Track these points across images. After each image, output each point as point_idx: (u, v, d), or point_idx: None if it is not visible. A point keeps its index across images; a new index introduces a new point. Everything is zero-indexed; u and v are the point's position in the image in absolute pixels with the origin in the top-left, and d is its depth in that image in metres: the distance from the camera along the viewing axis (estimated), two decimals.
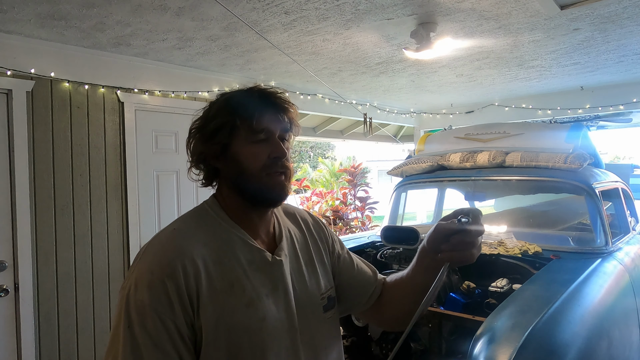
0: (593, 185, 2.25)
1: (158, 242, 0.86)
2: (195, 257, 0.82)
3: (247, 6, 2.18)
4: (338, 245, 1.13)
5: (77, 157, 2.79)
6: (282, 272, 0.91)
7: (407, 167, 2.90)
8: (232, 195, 0.92)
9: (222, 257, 0.85)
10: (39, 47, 2.62)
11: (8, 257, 2.52)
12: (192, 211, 0.94)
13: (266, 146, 0.89)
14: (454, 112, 5.62)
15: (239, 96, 0.92)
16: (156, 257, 0.82)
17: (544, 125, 3.01)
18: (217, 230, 0.89)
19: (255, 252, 0.89)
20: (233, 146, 0.89)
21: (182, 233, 0.86)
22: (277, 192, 0.90)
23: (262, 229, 0.95)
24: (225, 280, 0.83)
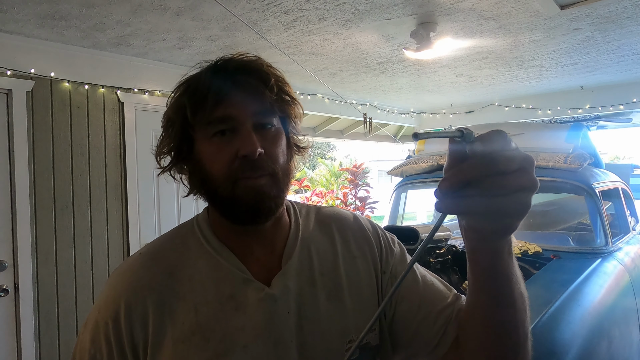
0: (593, 185, 2.26)
1: (119, 270, 0.69)
2: (152, 292, 0.64)
3: (247, 6, 2.18)
4: (397, 259, 0.76)
5: (77, 157, 2.79)
6: (277, 313, 0.65)
7: (407, 167, 2.90)
8: (216, 211, 0.70)
9: (190, 292, 0.64)
10: (39, 47, 2.62)
11: (8, 257, 2.52)
12: (179, 227, 0.75)
13: (232, 140, 0.64)
14: (454, 112, 5.62)
15: (189, 79, 0.70)
16: (109, 291, 0.66)
17: (544, 125, 3.01)
18: (194, 254, 0.68)
19: (240, 285, 0.65)
20: (196, 146, 0.68)
21: (148, 258, 0.68)
22: (252, 204, 0.64)
23: (262, 245, 0.70)
24: (186, 323, 0.62)
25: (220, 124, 0.64)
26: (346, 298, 0.69)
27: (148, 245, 0.71)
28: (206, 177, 0.66)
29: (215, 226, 0.71)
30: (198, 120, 0.65)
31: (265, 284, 0.66)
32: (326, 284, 0.70)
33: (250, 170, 0.63)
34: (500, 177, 0.41)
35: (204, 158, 0.66)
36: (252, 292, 0.65)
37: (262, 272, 0.68)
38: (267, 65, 0.68)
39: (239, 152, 0.63)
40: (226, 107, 0.64)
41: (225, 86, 0.65)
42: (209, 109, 0.64)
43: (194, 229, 0.72)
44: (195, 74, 0.70)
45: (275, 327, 0.64)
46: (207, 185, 0.66)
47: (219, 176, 0.64)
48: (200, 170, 0.67)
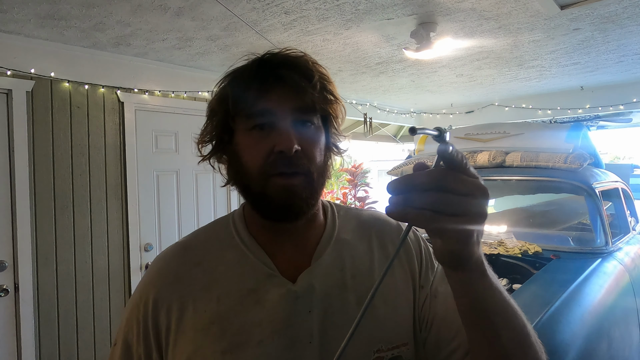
0: (593, 185, 2.26)
1: (157, 258, 0.73)
2: (177, 282, 0.67)
3: (247, 6, 2.18)
4: (437, 277, 0.72)
5: (77, 157, 2.79)
6: (296, 311, 0.63)
7: (407, 167, 2.90)
8: (249, 206, 0.71)
9: (214, 282, 0.66)
10: (39, 47, 2.62)
11: (8, 257, 2.52)
12: (216, 220, 0.77)
13: (270, 135, 0.63)
14: (454, 112, 5.62)
15: (237, 68, 0.70)
16: (146, 277, 0.71)
17: (544, 125, 3.01)
18: (224, 246, 0.70)
19: (263, 279, 0.65)
20: (235, 138, 0.68)
21: (180, 248, 0.72)
22: (283, 203, 0.62)
23: (293, 243, 0.69)
24: (205, 314, 0.64)
25: (260, 117, 0.63)
26: (379, 305, 0.66)
27: (186, 238, 0.75)
28: (241, 170, 0.66)
29: (249, 220, 0.72)
30: (239, 111, 0.65)
31: (292, 281, 0.65)
32: (357, 288, 0.67)
33: (285, 167, 0.62)
34: (448, 194, 0.41)
35: (241, 150, 0.66)
36: (274, 287, 0.64)
37: (290, 269, 0.67)
38: (313, 62, 0.67)
39: (275, 147, 0.62)
40: (267, 100, 0.63)
41: (268, 80, 0.64)
42: (251, 102, 0.63)
43: (228, 222, 0.74)
44: (241, 66, 0.70)
45: (294, 325, 0.62)
46: (241, 177, 0.66)
47: (253, 170, 0.64)
48: (237, 162, 0.67)
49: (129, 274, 3.01)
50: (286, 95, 0.63)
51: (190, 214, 3.40)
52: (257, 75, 0.65)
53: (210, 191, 3.51)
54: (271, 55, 0.67)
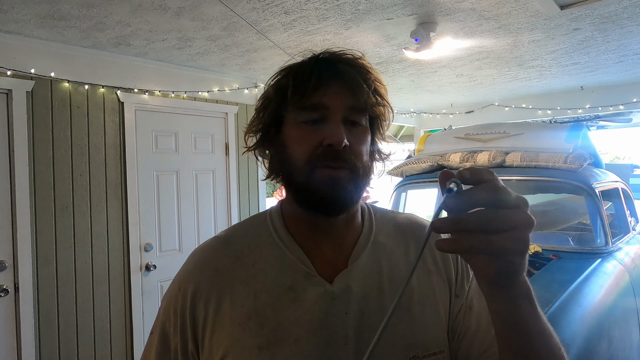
0: (593, 185, 2.26)
1: (196, 250, 0.74)
2: (216, 275, 0.67)
3: (247, 6, 2.18)
4: (473, 288, 0.71)
5: (77, 157, 2.79)
6: (333, 311, 0.63)
7: (407, 167, 2.90)
8: (288, 195, 0.71)
9: (252, 277, 0.66)
10: (39, 47, 2.62)
11: (8, 257, 2.52)
12: (254, 216, 0.77)
13: (320, 129, 0.64)
14: (454, 112, 5.62)
15: (293, 65, 0.70)
16: (185, 268, 0.72)
17: (544, 125, 3.01)
18: (262, 242, 0.70)
19: (300, 277, 0.65)
20: (284, 129, 0.68)
21: (219, 242, 0.72)
22: (328, 193, 0.63)
23: (331, 242, 0.69)
24: (243, 308, 0.64)
25: (313, 112, 0.64)
26: (416, 311, 0.66)
27: (225, 232, 0.75)
28: (286, 161, 0.67)
29: (287, 218, 0.72)
30: (295, 102, 0.65)
31: (328, 281, 0.66)
32: (394, 292, 0.66)
33: (332, 160, 0.63)
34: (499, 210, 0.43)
35: (289, 141, 0.67)
36: (312, 286, 0.65)
37: (327, 269, 0.67)
38: (369, 65, 0.70)
39: (324, 140, 0.63)
40: (323, 95, 0.64)
41: (327, 75, 0.65)
42: (308, 94, 0.64)
43: (266, 218, 0.74)
44: (299, 61, 0.71)
45: (330, 325, 0.63)
46: (286, 168, 0.67)
47: (300, 161, 0.64)
48: (283, 153, 0.67)
49: (129, 274, 3.01)
50: (341, 93, 0.65)
51: (190, 214, 3.40)
52: (314, 70, 0.66)
53: (210, 191, 3.51)
54: (330, 53, 0.69)
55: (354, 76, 0.65)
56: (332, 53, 0.69)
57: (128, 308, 3.01)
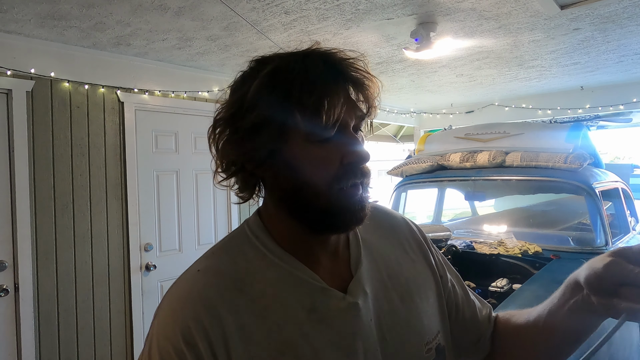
0: (593, 185, 2.26)
1: (176, 293, 0.60)
2: (226, 312, 0.56)
3: (247, 6, 2.18)
4: (446, 267, 0.78)
5: (77, 157, 2.79)
6: (361, 322, 0.61)
7: (407, 167, 2.90)
8: (282, 216, 0.63)
9: (266, 308, 0.58)
10: (39, 47, 2.62)
11: (8, 257, 2.52)
12: (230, 237, 0.66)
13: (338, 145, 0.59)
14: (454, 112, 5.62)
15: (292, 67, 0.59)
16: (172, 316, 0.57)
17: (544, 125, 3.02)
18: (260, 266, 0.61)
19: (318, 295, 0.60)
20: (288, 148, 0.59)
21: (209, 276, 0.60)
22: (354, 215, 0.60)
23: (327, 252, 0.65)
24: (271, 343, 0.56)
25: (331, 128, 0.58)
26: (416, 299, 0.68)
27: (203, 263, 0.63)
28: (302, 185, 0.58)
29: (275, 234, 0.64)
30: (307, 118, 0.56)
31: (340, 291, 0.62)
32: (395, 286, 0.67)
33: (356, 178, 0.59)
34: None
35: (301, 162, 0.58)
36: (333, 301, 0.60)
37: (334, 280, 0.63)
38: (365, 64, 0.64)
39: (346, 157, 0.59)
40: (341, 109, 0.57)
41: (339, 87, 0.59)
42: (326, 111, 0.56)
43: (249, 238, 0.64)
44: (284, 58, 0.62)
45: (363, 336, 0.60)
46: (302, 192, 0.59)
47: (323, 183, 0.58)
48: (293, 177, 0.59)
49: (129, 274, 3.01)
50: (353, 104, 0.61)
51: (190, 214, 3.40)
52: (331, 76, 0.59)
53: (210, 191, 3.51)
54: (336, 58, 0.62)
55: (366, 84, 0.61)
56: (331, 54, 0.63)
57: (128, 308, 3.01)
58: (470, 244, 2.30)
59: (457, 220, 3.65)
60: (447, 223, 3.18)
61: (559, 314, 0.65)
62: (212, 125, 0.63)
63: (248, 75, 0.62)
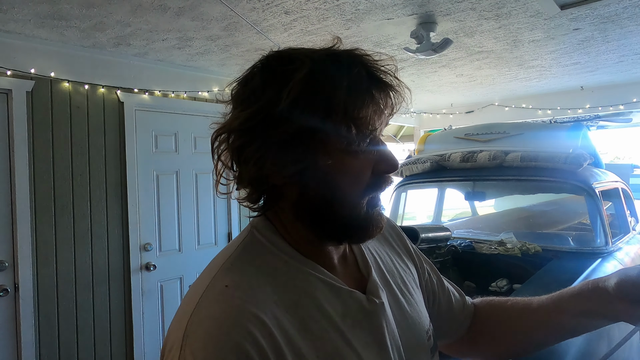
0: (593, 185, 2.25)
1: (211, 315, 0.51)
2: (272, 327, 0.51)
3: (247, 6, 2.18)
4: (422, 258, 0.82)
5: (77, 157, 2.79)
6: (387, 321, 0.62)
7: (407, 167, 2.90)
8: (300, 224, 0.60)
9: (306, 320, 0.54)
10: (39, 47, 2.62)
11: (8, 257, 2.52)
12: (242, 246, 0.60)
13: (370, 155, 0.58)
14: (454, 112, 5.62)
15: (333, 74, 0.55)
16: (217, 344, 0.48)
17: (544, 125, 3.02)
18: (288, 275, 0.57)
19: (346, 297, 0.59)
20: (322, 161, 0.56)
21: (243, 289, 0.53)
22: (377, 224, 0.60)
23: (337, 257, 0.64)
24: (319, 353, 0.53)
25: (368, 138, 0.56)
26: (413, 292, 0.72)
27: (227, 277, 0.55)
28: (334, 197, 0.56)
29: (290, 238, 0.60)
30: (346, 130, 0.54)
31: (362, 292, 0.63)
32: (395, 281, 0.70)
33: (384, 187, 0.59)
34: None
35: (335, 175, 0.55)
36: (360, 304, 0.60)
37: (349, 281, 0.62)
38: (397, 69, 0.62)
39: (378, 166, 0.58)
40: (382, 120, 0.57)
41: (382, 96, 0.57)
42: (370, 123, 0.55)
43: (265, 246, 0.60)
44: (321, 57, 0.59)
45: (390, 333, 0.62)
46: (334, 206, 0.56)
47: (355, 195, 0.57)
48: (324, 188, 0.56)
49: (129, 274, 3.01)
50: (391, 111, 0.60)
51: (190, 214, 3.40)
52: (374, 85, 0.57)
53: (210, 191, 3.51)
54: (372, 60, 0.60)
55: (400, 92, 0.60)
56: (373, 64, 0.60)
57: (128, 308, 3.01)
58: (470, 244, 2.30)
59: (457, 220, 3.65)
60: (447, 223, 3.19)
61: (570, 312, 0.71)
62: (221, 133, 0.58)
63: (270, 76, 0.56)
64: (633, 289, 0.60)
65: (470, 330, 0.83)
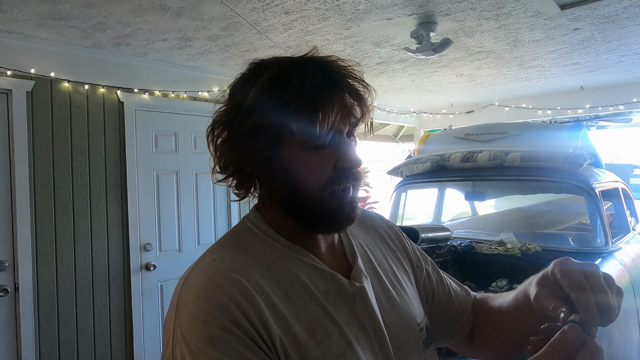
0: (593, 185, 2.25)
1: (198, 282, 0.59)
2: (256, 293, 0.57)
3: (247, 6, 2.18)
4: (421, 256, 0.85)
5: (77, 157, 2.79)
6: (368, 304, 0.66)
7: (407, 167, 2.90)
8: (280, 214, 0.66)
9: (289, 292, 0.61)
10: (39, 47, 2.62)
11: (8, 257, 2.52)
12: (232, 232, 0.68)
13: (332, 151, 0.62)
14: (454, 112, 5.62)
15: (290, 76, 0.61)
16: (205, 302, 0.55)
17: (544, 125, 3.01)
18: (272, 256, 0.64)
19: (329, 279, 0.64)
20: (283, 154, 0.62)
21: (228, 262, 0.61)
22: (346, 215, 0.64)
23: (325, 246, 0.69)
24: (302, 323, 0.59)
25: (326, 136, 0.61)
26: (405, 285, 0.75)
27: (215, 254, 0.63)
28: (297, 189, 0.62)
29: (277, 227, 0.67)
30: (304, 125, 0.59)
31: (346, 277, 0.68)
32: (386, 274, 0.73)
33: (348, 182, 0.63)
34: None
35: (297, 167, 0.62)
36: (343, 286, 0.65)
37: (336, 267, 0.67)
38: (362, 73, 0.67)
39: (339, 163, 0.62)
40: (337, 116, 0.61)
41: (335, 96, 0.61)
42: (321, 119, 0.59)
43: (254, 232, 0.67)
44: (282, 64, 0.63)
45: (371, 318, 0.65)
46: (297, 195, 0.62)
47: (315, 187, 0.62)
48: (287, 181, 0.63)
49: (129, 274, 3.01)
50: (348, 110, 0.63)
51: (190, 214, 3.40)
52: (327, 85, 0.61)
53: (210, 191, 3.51)
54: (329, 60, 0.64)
55: (361, 92, 0.64)
56: (330, 62, 0.64)
57: (128, 308, 3.01)
58: (470, 244, 2.30)
59: (457, 220, 3.65)
60: (447, 223, 3.19)
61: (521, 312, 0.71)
62: (211, 126, 0.66)
63: (247, 79, 0.65)
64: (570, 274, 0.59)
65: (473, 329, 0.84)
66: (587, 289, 0.54)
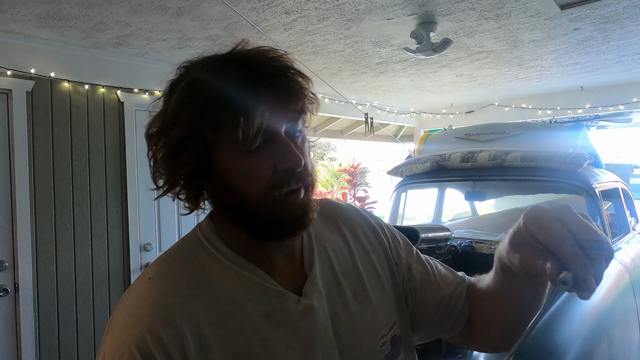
0: (593, 185, 2.25)
1: (128, 305, 0.57)
2: (182, 320, 0.55)
3: (247, 6, 2.18)
4: (404, 249, 0.78)
5: (77, 157, 2.79)
6: (315, 322, 0.61)
7: (407, 167, 2.90)
8: (229, 224, 0.63)
9: (223, 315, 0.57)
10: (39, 47, 2.62)
11: (8, 257, 2.52)
12: (181, 242, 0.65)
13: (269, 153, 0.57)
14: (454, 112, 5.62)
15: (208, 79, 0.57)
16: (126, 331, 0.54)
17: (544, 125, 3.01)
18: (215, 272, 0.60)
19: (273, 299, 0.60)
20: (217, 162, 0.58)
21: (162, 283, 0.58)
22: (296, 220, 0.59)
23: (282, 254, 0.65)
24: (228, 350, 0.56)
25: (257, 138, 0.55)
26: (371, 294, 0.68)
27: (154, 269, 0.61)
28: (239, 198, 0.58)
29: (228, 239, 0.62)
30: (231, 129, 0.54)
31: (295, 293, 0.62)
32: (350, 282, 0.67)
33: (293, 184, 0.58)
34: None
35: (233, 176, 0.57)
36: (289, 304, 0.60)
37: (290, 282, 0.63)
38: (293, 61, 0.61)
39: (279, 165, 0.57)
40: (265, 115, 0.55)
41: (261, 92, 0.55)
42: (245, 122, 0.54)
43: (202, 244, 0.63)
44: (205, 65, 0.60)
45: (320, 337, 0.60)
46: (240, 204, 0.58)
47: (257, 194, 0.57)
48: (227, 191, 0.58)
49: (129, 274, 3.01)
50: (280, 106, 0.57)
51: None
52: (249, 82, 0.56)
53: None
54: (250, 53, 0.60)
55: (290, 83, 0.57)
56: (249, 55, 0.60)
57: None
58: (470, 244, 2.30)
59: (457, 220, 3.65)
60: (447, 223, 3.19)
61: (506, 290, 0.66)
62: (147, 140, 0.62)
63: (173, 85, 0.61)
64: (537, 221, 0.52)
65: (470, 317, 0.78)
66: (568, 238, 0.48)
